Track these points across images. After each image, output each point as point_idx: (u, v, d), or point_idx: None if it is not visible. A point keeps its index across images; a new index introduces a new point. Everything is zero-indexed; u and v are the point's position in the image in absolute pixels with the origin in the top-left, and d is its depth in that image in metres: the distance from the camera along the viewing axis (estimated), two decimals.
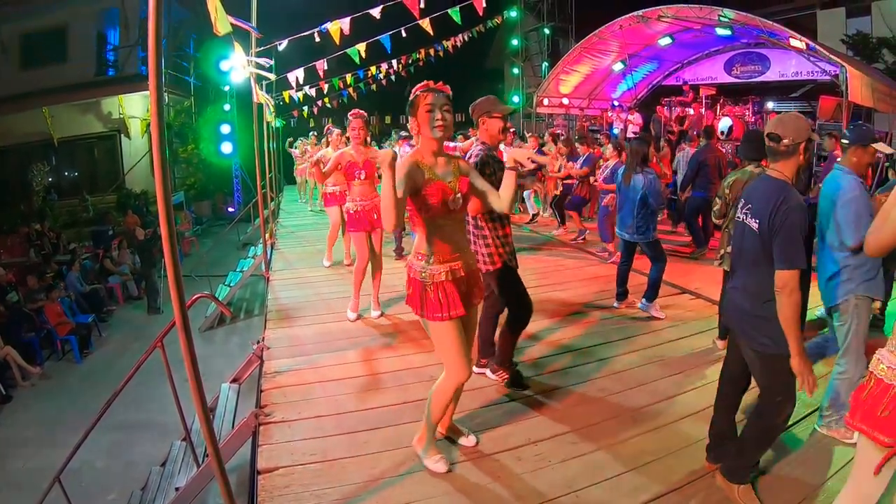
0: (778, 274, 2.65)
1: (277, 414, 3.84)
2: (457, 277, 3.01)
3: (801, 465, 3.33)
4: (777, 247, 2.67)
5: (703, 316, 5.74)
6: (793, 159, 2.77)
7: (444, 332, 2.98)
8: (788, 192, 2.71)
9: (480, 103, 3.97)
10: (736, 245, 3.01)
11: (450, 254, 3.00)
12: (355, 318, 5.69)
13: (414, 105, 2.94)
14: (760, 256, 2.76)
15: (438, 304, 2.94)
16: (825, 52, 11.13)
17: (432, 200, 2.89)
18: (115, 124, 18.64)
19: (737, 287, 2.98)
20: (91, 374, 9.34)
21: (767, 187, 2.81)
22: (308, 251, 8.96)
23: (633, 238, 5.80)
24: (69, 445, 4.74)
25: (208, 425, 2.49)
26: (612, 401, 4.07)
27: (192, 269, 13.28)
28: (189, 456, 4.50)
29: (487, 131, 3.96)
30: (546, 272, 7.53)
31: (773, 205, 2.68)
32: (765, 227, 2.72)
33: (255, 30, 6.02)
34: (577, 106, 19.14)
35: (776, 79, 16.09)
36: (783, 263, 2.64)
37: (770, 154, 2.85)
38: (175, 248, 2.32)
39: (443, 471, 3.19)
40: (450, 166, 3.04)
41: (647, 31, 15.25)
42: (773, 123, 2.83)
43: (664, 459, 3.36)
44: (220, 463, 2.56)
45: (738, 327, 2.96)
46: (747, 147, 4.80)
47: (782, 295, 2.63)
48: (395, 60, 11.67)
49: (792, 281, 2.61)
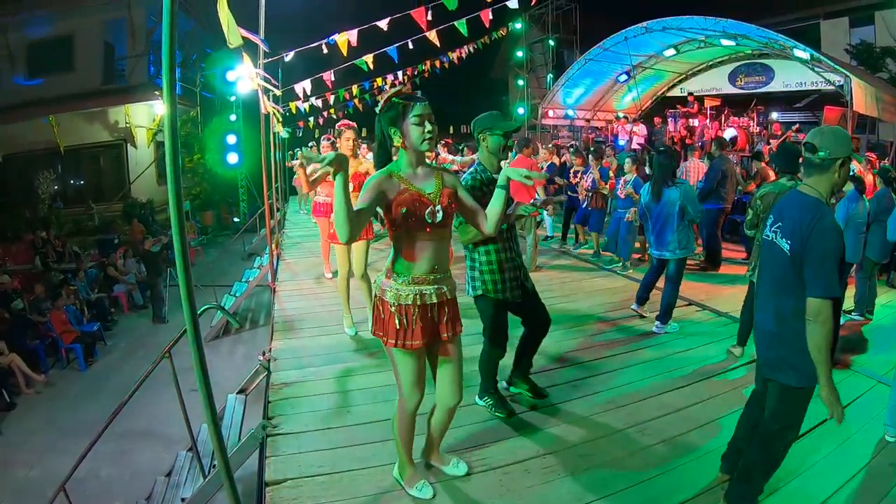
0: (810, 302, 2.48)
1: (285, 425, 3.84)
2: (425, 304, 2.78)
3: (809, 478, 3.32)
4: (810, 272, 2.50)
5: (711, 328, 5.73)
6: (827, 175, 2.60)
7: (398, 359, 2.84)
8: (823, 211, 2.54)
9: (482, 118, 3.74)
10: (764, 264, 2.87)
11: (423, 275, 2.77)
12: (354, 334, 5.61)
13: (397, 114, 2.70)
14: (791, 280, 2.59)
15: (395, 329, 2.75)
16: (829, 61, 11.16)
17: (404, 209, 2.64)
18: (121, 133, 18.71)
19: (765, 310, 2.83)
20: (95, 383, 9.32)
21: (800, 205, 2.63)
22: (314, 262, 8.96)
23: (675, 255, 5.55)
24: (73, 453, 4.74)
25: (218, 436, 2.49)
26: (619, 413, 4.06)
27: (197, 278, 13.22)
28: (195, 466, 4.49)
29: (487, 149, 3.71)
30: (551, 284, 7.53)
31: (807, 225, 2.52)
32: (797, 248, 2.55)
33: (264, 44, 6.05)
34: (582, 118, 19.19)
35: (780, 89, 16.09)
36: (817, 291, 2.47)
37: (804, 167, 2.69)
38: (188, 260, 2.32)
39: (429, 496, 3.07)
40: (432, 177, 2.80)
41: (651, 43, 15.29)
42: (813, 134, 2.67)
43: (672, 473, 3.35)
44: (230, 473, 2.55)
45: (764, 352, 2.83)
46: (782, 159, 4.78)
47: (815, 324, 2.47)
48: (402, 72, 11.72)
49: (826, 310, 2.45)
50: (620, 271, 8.14)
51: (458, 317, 2.96)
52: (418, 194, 2.71)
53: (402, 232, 2.73)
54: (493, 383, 4.08)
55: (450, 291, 2.87)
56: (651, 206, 5.63)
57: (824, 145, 2.57)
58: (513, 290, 3.84)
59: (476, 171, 3.73)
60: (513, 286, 3.84)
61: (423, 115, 2.69)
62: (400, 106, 2.70)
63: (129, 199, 18.17)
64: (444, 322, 2.86)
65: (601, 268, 8.50)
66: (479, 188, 3.60)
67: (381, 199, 2.68)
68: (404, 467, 3.16)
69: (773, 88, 16.23)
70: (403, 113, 2.70)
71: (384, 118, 2.75)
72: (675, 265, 5.60)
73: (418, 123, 2.69)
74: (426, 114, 2.70)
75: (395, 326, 2.75)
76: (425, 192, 2.73)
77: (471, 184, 3.62)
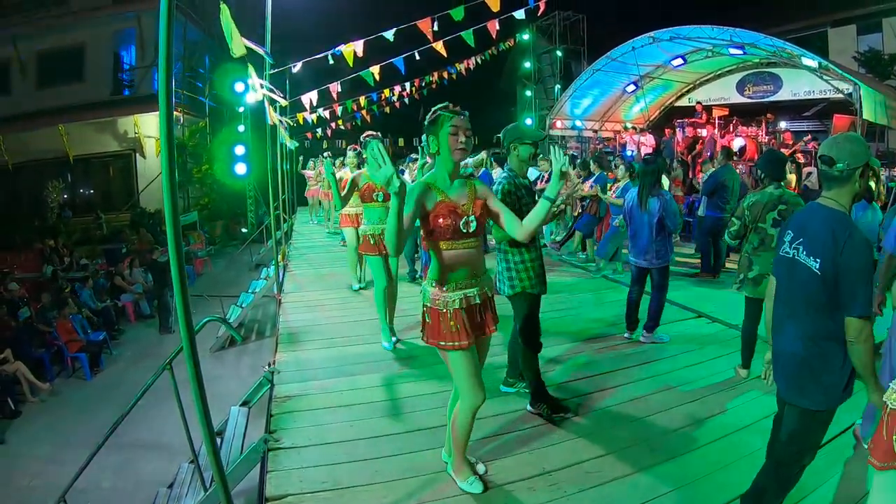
0: (851, 322, 2.39)
1: (287, 439, 3.79)
2: (471, 305, 2.99)
3: None
4: (847, 291, 2.40)
5: (719, 340, 5.66)
6: (848, 186, 2.51)
7: (457, 360, 2.95)
8: (853, 227, 2.44)
9: (511, 129, 4.08)
10: (782, 283, 2.74)
11: (465, 280, 2.97)
12: (392, 347, 5.53)
13: (436, 125, 2.92)
14: (822, 299, 2.49)
15: (450, 332, 2.91)
16: (838, 69, 11.09)
17: (442, 223, 2.86)
18: (130, 143, 18.86)
19: (787, 332, 2.69)
20: (101, 392, 9.29)
21: (824, 220, 2.52)
22: (320, 274, 8.93)
23: (651, 264, 5.50)
24: (76, 463, 4.69)
25: (215, 453, 2.45)
26: (627, 429, 3.99)
27: (204, 289, 13.29)
28: (197, 479, 4.44)
29: (518, 157, 4.02)
30: (555, 295, 7.44)
31: (838, 241, 2.42)
32: (829, 266, 2.44)
33: (267, 56, 6.04)
34: (590, 128, 19.16)
35: (789, 98, 16.02)
36: (857, 310, 2.37)
37: (824, 179, 2.60)
38: (183, 271, 2.30)
39: (478, 491, 3.18)
40: (465, 189, 3.01)
41: (659, 53, 15.26)
42: (827, 145, 2.57)
43: (682, 490, 3.27)
44: (226, 489, 2.51)
45: (786, 377, 2.69)
46: (768, 167, 4.65)
47: (857, 344, 2.39)
48: (409, 83, 11.72)
49: (867, 329, 2.37)
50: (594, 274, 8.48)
51: (495, 311, 3.17)
52: (454, 205, 2.92)
53: (438, 241, 2.92)
54: (539, 383, 4.17)
55: (489, 290, 3.12)
56: (634, 213, 5.60)
57: (842, 156, 2.48)
58: (542, 283, 4.11)
59: (510, 177, 4.01)
60: (542, 280, 4.12)
61: (459, 126, 2.89)
62: (440, 117, 2.91)
63: (138, 209, 18.25)
64: (488, 318, 3.10)
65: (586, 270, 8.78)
66: (514, 192, 3.92)
67: (421, 211, 2.88)
68: (458, 463, 3.25)
69: (782, 97, 16.17)
70: (441, 123, 2.90)
71: (428, 128, 2.96)
72: (658, 273, 5.55)
73: (453, 133, 2.89)
74: (462, 126, 2.90)
75: (450, 330, 2.91)
76: (460, 204, 2.94)
77: (507, 188, 3.92)
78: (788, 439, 2.69)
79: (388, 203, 5.58)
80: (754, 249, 4.56)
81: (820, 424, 2.60)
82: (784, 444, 2.72)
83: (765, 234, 4.46)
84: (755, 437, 3.57)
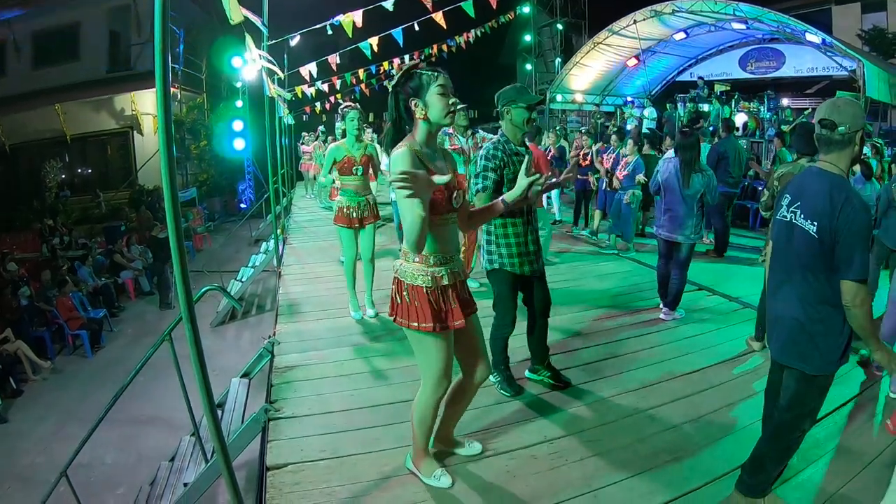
0: (847, 285, 2.39)
1: (287, 409, 3.78)
2: (458, 281, 2.78)
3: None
4: (844, 254, 2.39)
5: (721, 312, 5.65)
6: (848, 150, 2.50)
7: (433, 345, 2.72)
8: (850, 190, 2.44)
9: (506, 91, 3.76)
10: (780, 247, 2.73)
11: (450, 255, 2.73)
12: (360, 318, 5.55)
13: (420, 85, 2.60)
14: (819, 263, 2.48)
15: (433, 313, 2.66)
16: (842, 45, 10.98)
17: (439, 197, 2.58)
18: (127, 121, 18.73)
19: (785, 295, 2.68)
20: (102, 369, 9.32)
21: (823, 184, 2.51)
22: (319, 246, 8.92)
23: (689, 240, 5.40)
24: (78, 440, 4.70)
25: (215, 422, 2.43)
26: (629, 399, 3.98)
27: (203, 264, 13.29)
28: (198, 451, 4.45)
29: (511, 122, 3.74)
30: (560, 268, 7.47)
31: (836, 204, 2.40)
32: (826, 230, 2.42)
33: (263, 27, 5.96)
34: (591, 102, 19.03)
35: (791, 74, 15.91)
36: (853, 274, 2.37)
37: (823, 144, 2.56)
38: (182, 240, 2.27)
39: (447, 485, 2.99)
40: (446, 160, 2.77)
41: (661, 26, 15.11)
42: (827, 109, 2.52)
43: (682, 460, 3.28)
44: (227, 459, 2.50)
45: (786, 342, 2.67)
46: (801, 141, 4.59)
47: (853, 308, 2.39)
48: (408, 56, 11.59)
49: (863, 292, 2.38)
50: (624, 254, 8.16)
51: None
52: None
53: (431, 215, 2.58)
54: (502, 359, 4.05)
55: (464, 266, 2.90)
56: (671, 188, 5.44)
57: (843, 119, 2.46)
58: (523, 265, 3.85)
59: (500, 142, 3.78)
60: (527, 261, 3.86)
61: (448, 86, 2.61)
62: (423, 77, 2.60)
63: (137, 187, 18.18)
64: (469, 296, 2.88)
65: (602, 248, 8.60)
66: (501, 158, 3.68)
67: None
68: (421, 457, 3.06)
69: (784, 73, 16.08)
70: (427, 84, 2.59)
71: (405, 90, 2.64)
72: (687, 249, 5.46)
73: (443, 94, 2.59)
74: (450, 86, 2.62)
75: (432, 310, 2.66)
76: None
77: (493, 153, 3.69)
78: (788, 405, 2.68)
79: (364, 177, 5.50)
80: None
81: (818, 390, 2.58)
82: (783, 409, 2.71)
83: None
84: (755, 408, 3.56)
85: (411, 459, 3.12)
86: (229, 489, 2.52)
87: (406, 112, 2.66)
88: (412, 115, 2.65)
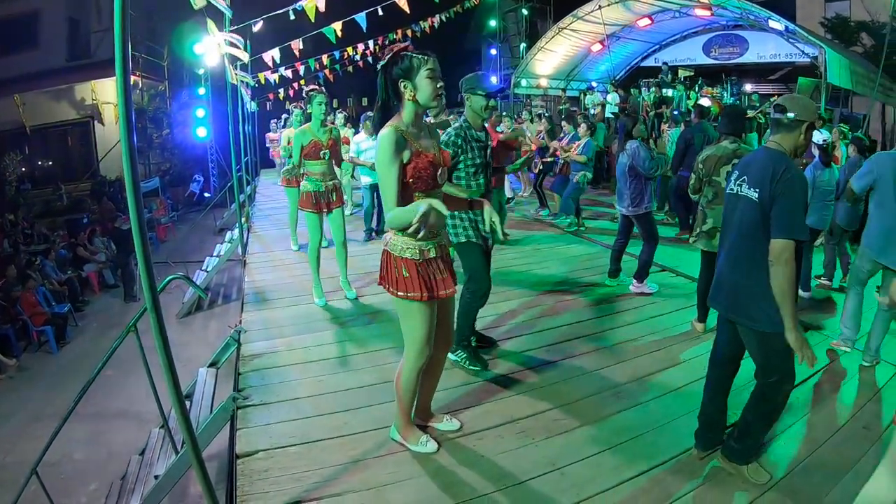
0: (773, 243, 2.59)
1: (255, 397, 3.78)
2: (445, 254, 2.94)
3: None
4: (776, 215, 2.61)
5: (683, 293, 5.75)
6: (792, 135, 2.74)
7: (420, 314, 2.85)
8: (790, 162, 2.67)
9: (467, 80, 3.94)
10: (727, 217, 2.95)
11: (437, 229, 2.86)
12: (324, 304, 5.55)
13: (409, 68, 2.70)
14: (759, 227, 2.68)
15: (422, 283, 2.79)
16: (805, 33, 11.18)
17: (423, 173, 2.71)
18: (88, 111, 18.31)
19: (730, 260, 2.90)
20: (68, 365, 9.17)
21: (766, 157, 2.75)
22: (284, 233, 8.86)
23: (627, 211, 5.73)
24: (47, 438, 4.64)
25: (183, 413, 2.43)
26: (592, 378, 4.06)
27: (168, 255, 13.10)
28: (168, 443, 4.42)
29: (471, 108, 3.91)
30: (524, 250, 7.55)
31: (775, 173, 2.63)
32: (766, 195, 2.65)
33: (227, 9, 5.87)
34: (556, 87, 19.11)
35: (755, 60, 16.14)
36: (781, 232, 2.57)
37: (773, 125, 2.83)
38: (144, 230, 2.25)
39: (433, 450, 3.14)
40: (431, 138, 2.89)
41: (625, 12, 15.20)
42: (784, 98, 2.83)
43: (646, 436, 3.36)
44: (197, 450, 2.50)
45: (733, 303, 2.87)
46: (726, 122, 4.71)
47: (777, 265, 2.57)
48: (372, 41, 11.50)
49: (787, 251, 2.55)
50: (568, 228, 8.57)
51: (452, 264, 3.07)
52: (430, 156, 2.77)
53: (409, 191, 2.73)
54: (469, 333, 4.15)
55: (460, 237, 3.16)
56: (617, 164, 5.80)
57: (794, 108, 2.74)
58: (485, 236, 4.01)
59: (462, 127, 3.92)
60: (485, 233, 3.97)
61: (437, 70, 2.72)
62: (413, 59, 2.70)
63: (98, 178, 17.79)
64: (452, 272, 2.98)
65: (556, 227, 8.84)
66: (461, 144, 3.84)
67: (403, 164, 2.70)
68: (404, 426, 3.19)
69: (748, 60, 16.30)
70: (417, 67, 2.69)
71: (394, 72, 2.72)
72: (639, 222, 5.72)
73: (431, 77, 2.70)
74: (438, 70, 2.73)
75: (421, 281, 2.80)
76: (432, 153, 2.80)
77: (453, 139, 3.83)
78: (763, 371, 2.84)
79: (331, 161, 5.54)
80: (709, 203, 4.57)
81: (780, 346, 2.68)
82: (761, 376, 2.86)
83: (719, 188, 4.47)
84: None
85: (396, 430, 3.24)
86: (200, 480, 2.52)
87: (394, 93, 2.76)
88: (400, 97, 2.75)
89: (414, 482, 2.96)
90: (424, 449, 3.15)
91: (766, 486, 2.89)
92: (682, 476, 3.01)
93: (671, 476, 3.01)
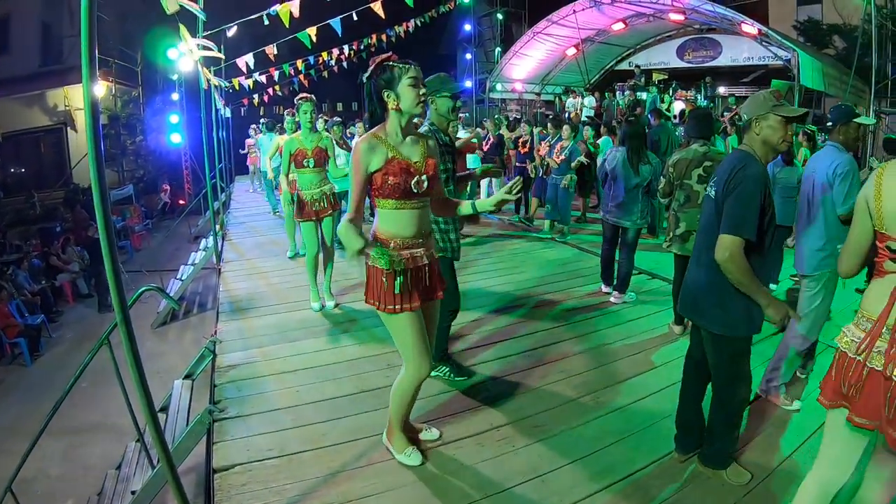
0: (720, 239, 2.58)
1: (232, 409, 3.72)
2: (418, 266, 2.85)
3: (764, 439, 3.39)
4: (726, 212, 2.61)
5: (662, 295, 5.79)
6: (750, 133, 2.74)
7: (402, 325, 2.84)
8: (749, 160, 2.65)
9: (430, 81, 3.78)
10: (701, 220, 2.96)
11: (412, 240, 2.82)
12: (320, 309, 5.55)
13: (393, 78, 2.71)
14: (716, 226, 2.67)
15: (395, 295, 2.77)
16: (777, 36, 11.35)
17: (392, 181, 2.70)
18: (60, 117, 18.03)
19: (694, 260, 2.94)
20: (43, 377, 9.00)
21: (730, 157, 2.80)
22: (260, 241, 8.79)
23: (636, 224, 5.58)
24: (21, 454, 4.53)
25: (157, 428, 2.39)
26: (572, 383, 4.06)
27: (142, 264, 12.93)
28: (144, 457, 4.34)
29: (437, 111, 3.81)
30: (500, 256, 7.57)
31: (732, 170, 2.64)
32: (720, 192, 2.68)
33: (200, 12, 5.81)
34: (531, 91, 19.20)
35: (728, 63, 16.34)
36: (728, 229, 2.56)
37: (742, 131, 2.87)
38: (113, 239, 2.22)
39: (417, 462, 3.12)
40: (418, 146, 2.85)
41: (600, 16, 15.31)
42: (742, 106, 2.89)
43: (627, 440, 3.37)
44: (172, 465, 2.46)
45: (692, 304, 2.91)
46: (694, 125, 4.76)
47: (723, 262, 2.56)
48: (347, 46, 11.43)
49: (733, 247, 2.54)
50: (560, 238, 8.40)
51: (441, 275, 3.08)
52: (406, 164, 2.76)
53: (387, 199, 2.77)
54: (447, 346, 4.13)
55: (435, 251, 3.01)
56: (620, 177, 5.54)
57: (745, 110, 2.79)
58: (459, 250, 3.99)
59: (429, 132, 3.75)
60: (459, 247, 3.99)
61: (419, 78, 2.74)
62: (395, 69, 2.72)
63: (71, 185, 17.51)
64: (435, 282, 2.98)
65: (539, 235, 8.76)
66: None
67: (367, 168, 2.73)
68: (394, 434, 3.18)
69: (721, 63, 16.48)
70: (399, 76, 2.71)
71: (378, 82, 2.75)
72: (634, 233, 5.63)
73: (413, 86, 2.71)
74: (420, 77, 2.75)
75: (393, 292, 2.78)
76: (412, 161, 2.79)
77: None
78: (715, 372, 2.91)
79: (318, 169, 5.53)
80: (681, 206, 4.61)
81: (730, 349, 2.75)
82: (714, 377, 2.93)
83: (690, 191, 4.52)
84: None
85: (386, 434, 3.25)
86: (175, 495, 2.48)
87: (379, 102, 2.78)
88: (385, 106, 2.77)
89: (395, 493, 2.93)
90: (407, 460, 3.13)
91: (748, 488, 2.91)
92: (663, 480, 3.02)
93: (652, 480, 3.03)
